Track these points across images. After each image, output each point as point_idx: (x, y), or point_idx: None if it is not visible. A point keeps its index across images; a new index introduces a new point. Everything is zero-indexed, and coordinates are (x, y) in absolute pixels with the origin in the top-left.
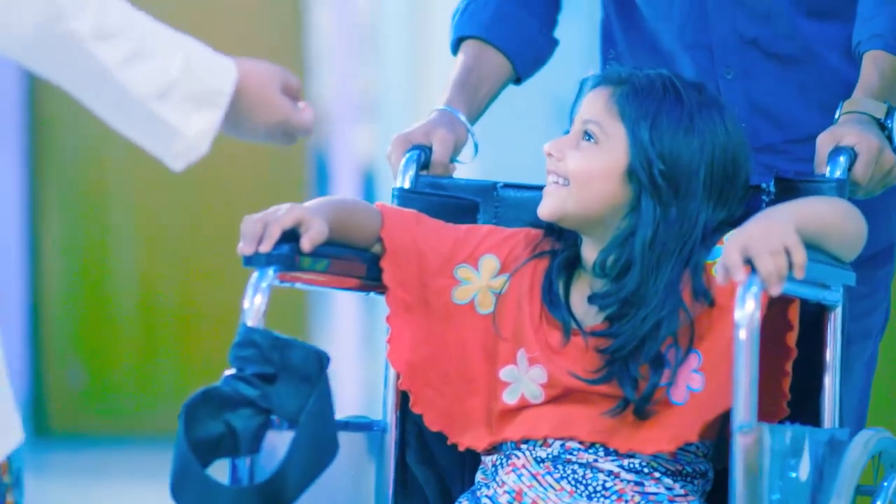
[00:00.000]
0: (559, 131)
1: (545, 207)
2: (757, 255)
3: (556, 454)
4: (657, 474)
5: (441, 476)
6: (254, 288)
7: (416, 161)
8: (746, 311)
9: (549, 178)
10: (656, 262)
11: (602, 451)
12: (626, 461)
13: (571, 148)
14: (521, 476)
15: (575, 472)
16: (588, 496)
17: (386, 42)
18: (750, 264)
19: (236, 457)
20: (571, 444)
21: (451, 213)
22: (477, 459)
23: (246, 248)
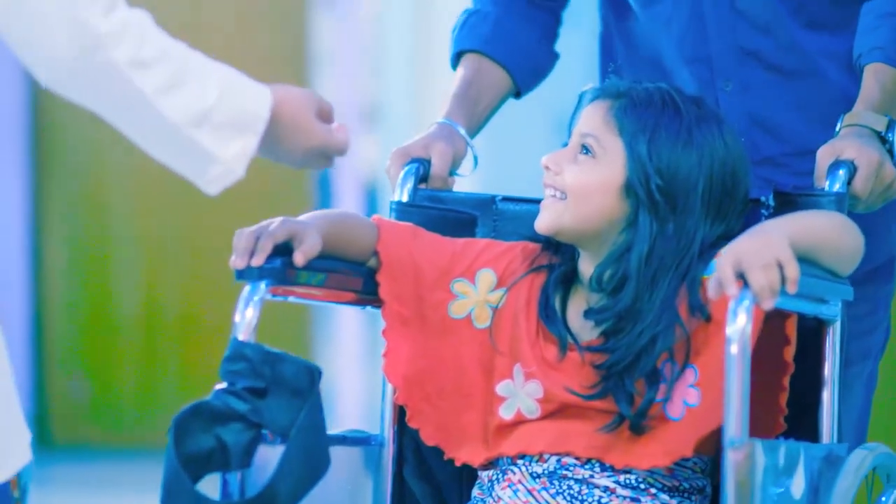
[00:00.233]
0: (559, 145)
1: (542, 221)
2: (749, 270)
3: (553, 470)
4: (654, 490)
5: (438, 491)
6: (245, 302)
7: (414, 174)
8: (738, 325)
9: (547, 192)
10: (652, 277)
11: (598, 467)
12: (623, 477)
13: (569, 161)
14: (517, 492)
15: (571, 487)
16: None
17: (389, 52)
18: (742, 278)
19: (227, 471)
20: (568, 460)
21: (450, 226)
22: (474, 474)
23: (238, 261)
